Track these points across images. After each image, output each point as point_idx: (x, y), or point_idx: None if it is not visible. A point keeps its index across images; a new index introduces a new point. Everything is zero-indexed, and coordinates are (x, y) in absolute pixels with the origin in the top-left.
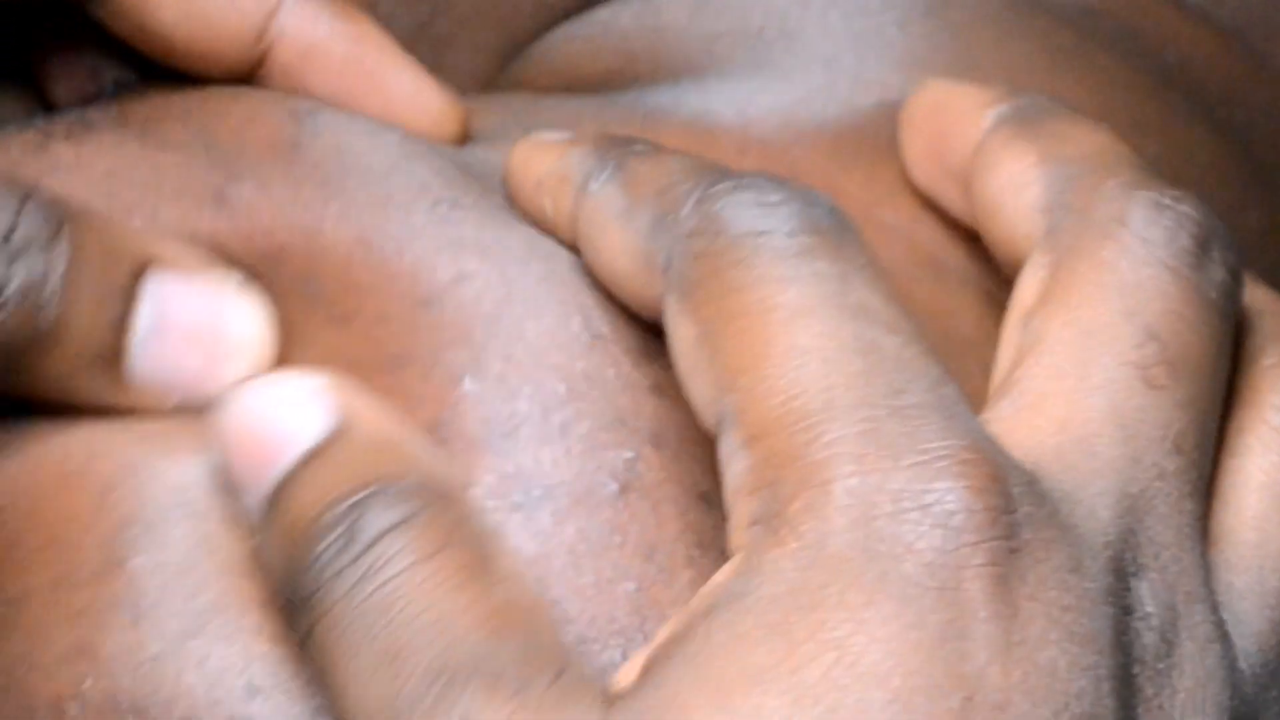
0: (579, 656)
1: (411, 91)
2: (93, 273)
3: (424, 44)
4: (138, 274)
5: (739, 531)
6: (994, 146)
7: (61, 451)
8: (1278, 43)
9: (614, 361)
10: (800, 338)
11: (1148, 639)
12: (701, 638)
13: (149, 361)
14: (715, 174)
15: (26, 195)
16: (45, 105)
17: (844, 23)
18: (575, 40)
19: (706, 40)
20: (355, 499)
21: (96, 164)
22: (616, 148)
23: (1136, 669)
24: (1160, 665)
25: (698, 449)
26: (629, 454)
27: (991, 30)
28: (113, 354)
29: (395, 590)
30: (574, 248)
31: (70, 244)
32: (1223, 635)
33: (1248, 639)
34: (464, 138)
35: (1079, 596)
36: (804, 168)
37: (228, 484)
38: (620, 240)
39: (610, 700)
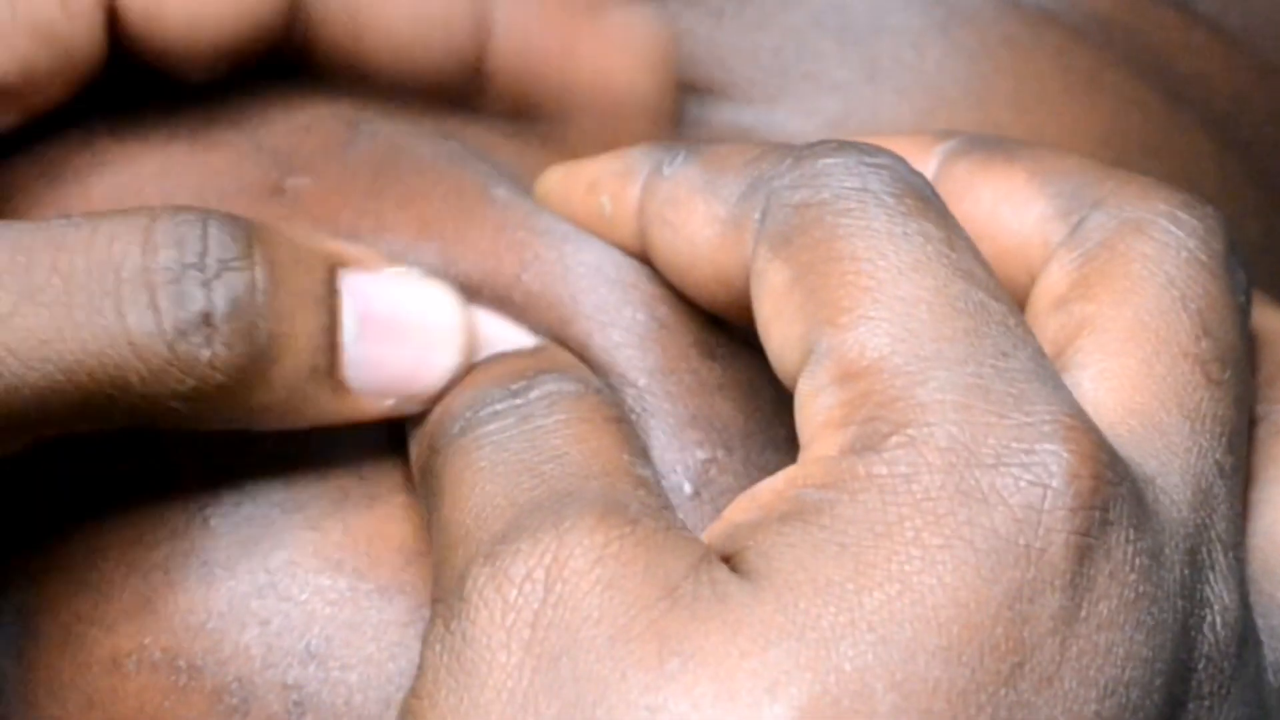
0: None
1: (624, 27)
2: (293, 282)
3: None
4: (332, 276)
5: (818, 463)
6: (961, 176)
7: None
8: None
9: (684, 354)
10: (909, 289)
11: (1223, 634)
12: (775, 537)
13: (364, 363)
14: (806, 144)
15: (206, 215)
16: None
17: (858, 46)
18: None
19: (724, 56)
20: (538, 372)
21: (146, 162)
22: (681, 141)
23: (1202, 664)
24: (1225, 665)
25: (759, 456)
26: (704, 455)
27: (1005, 52)
28: (329, 363)
29: (553, 430)
30: (633, 247)
31: (264, 256)
32: (1259, 643)
33: (1279, 653)
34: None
35: (1156, 585)
36: None
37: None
38: (705, 209)
39: (704, 559)
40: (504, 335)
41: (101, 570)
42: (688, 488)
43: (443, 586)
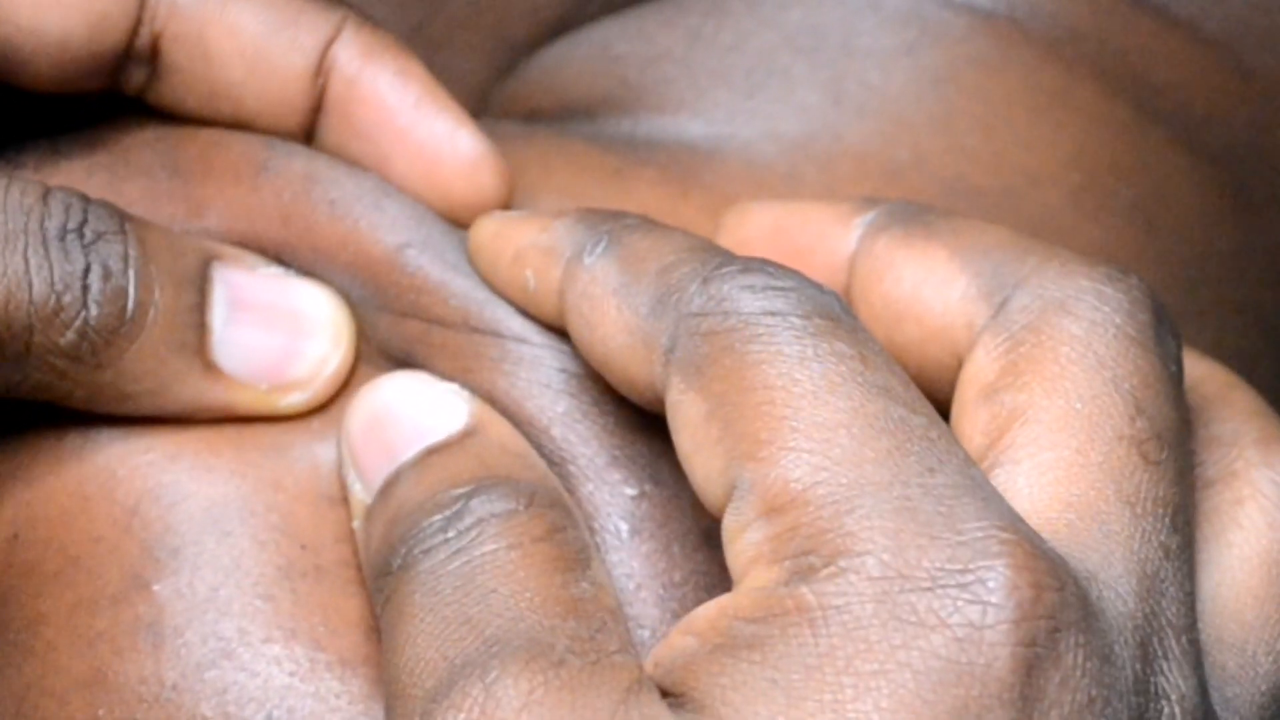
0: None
1: (447, 134)
2: (163, 261)
3: (418, 47)
4: (205, 265)
5: (750, 594)
6: (882, 252)
7: (78, 474)
8: (1267, 53)
9: (595, 400)
10: (825, 413)
11: None
12: (707, 669)
13: (234, 346)
14: (718, 255)
15: (85, 196)
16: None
17: (828, 67)
18: (570, 62)
19: (699, 77)
20: (469, 489)
21: None
22: (607, 220)
23: None
24: None
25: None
26: (633, 491)
27: (973, 73)
28: (198, 340)
29: (481, 565)
30: (554, 323)
31: (136, 236)
32: (1217, 718)
33: None
34: (501, 191)
35: (1108, 686)
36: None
37: (343, 469)
38: (617, 317)
39: (632, 691)
40: (428, 402)
41: (44, 638)
42: (624, 528)
43: None
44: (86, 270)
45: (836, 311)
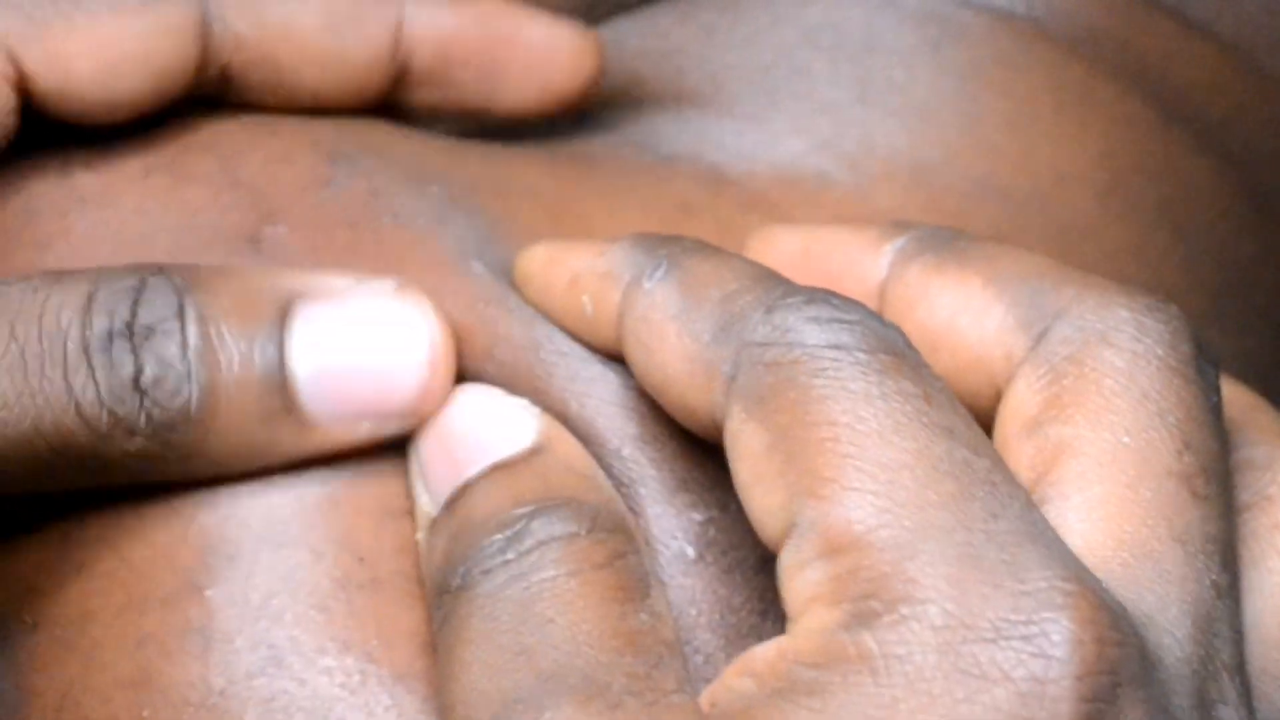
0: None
1: (546, 39)
2: (233, 330)
3: None
4: (283, 314)
5: (810, 637)
6: (914, 280)
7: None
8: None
9: (665, 419)
10: (890, 452)
11: None
12: (766, 714)
13: (323, 397)
14: (782, 284)
15: (144, 278)
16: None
17: (851, 64)
18: None
19: (716, 71)
20: (531, 509)
21: (124, 199)
22: (665, 244)
23: None
24: None
25: None
26: (701, 516)
27: (997, 70)
28: (281, 404)
29: (540, 593)
30: (610, 349)
31: (199, 311)
32: None
33: None
34: (599, 65)
35: None
36: None
37: (411, 478)
38: (678, 343)
39: None
40: (498, 417)
41: (90, 635)
42: (690, 552)
43: None
44: (138, 372)
45: (901, 347)
